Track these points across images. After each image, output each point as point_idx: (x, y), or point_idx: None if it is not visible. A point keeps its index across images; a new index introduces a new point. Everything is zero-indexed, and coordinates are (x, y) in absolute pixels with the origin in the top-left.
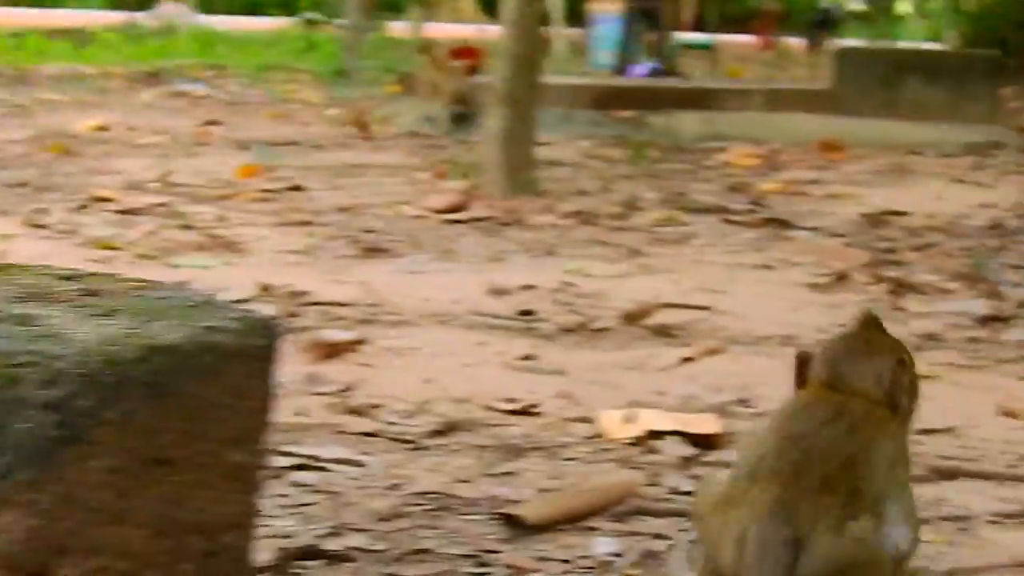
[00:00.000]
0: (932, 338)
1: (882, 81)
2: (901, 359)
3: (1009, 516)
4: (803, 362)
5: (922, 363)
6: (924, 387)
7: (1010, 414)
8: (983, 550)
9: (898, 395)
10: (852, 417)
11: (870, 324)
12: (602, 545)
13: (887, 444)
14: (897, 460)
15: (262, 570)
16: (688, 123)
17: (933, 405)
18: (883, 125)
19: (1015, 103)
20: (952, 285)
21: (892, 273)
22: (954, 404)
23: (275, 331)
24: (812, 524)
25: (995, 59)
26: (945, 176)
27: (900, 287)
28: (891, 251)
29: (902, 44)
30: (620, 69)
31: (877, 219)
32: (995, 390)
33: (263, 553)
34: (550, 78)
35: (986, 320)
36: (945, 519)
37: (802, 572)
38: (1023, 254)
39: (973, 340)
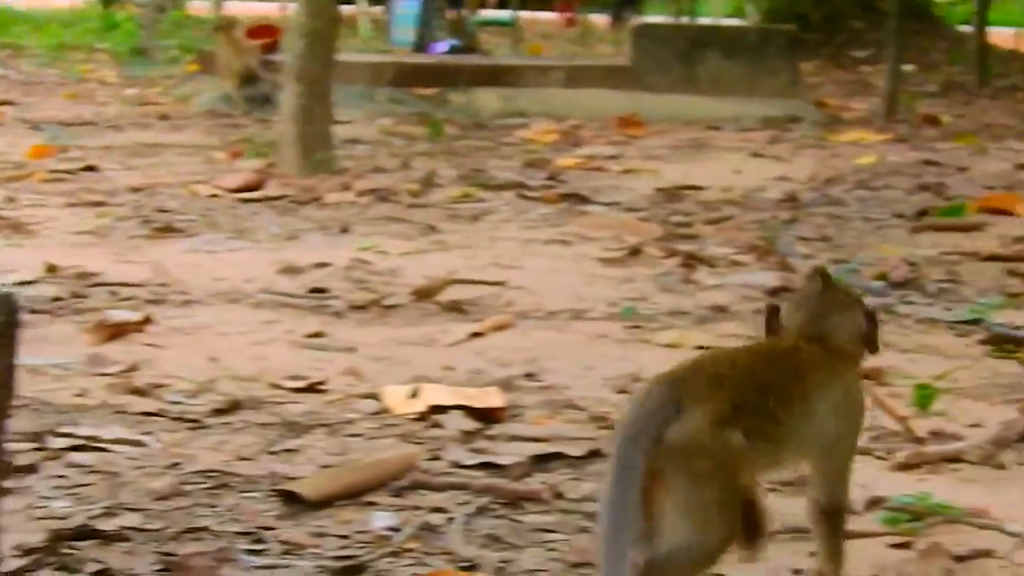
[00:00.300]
0: (721, 310)
1: (681, 57)
2: (868, 310)
3: (785, 484)
4: (772, 313)
5: (709, 335)
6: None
7: None
8: None
9: (875, 340)
10: (802, 360)
11: (826, 279)
12: (380, 520)
13: (836, 389)
14: (841, 408)
15: (31, 551)
16: (488, 100)
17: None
18: (682, 100)
19: (815, 77)
20: (744, 258)
21: (685, 247)
22: None
23: (14, 307)
24: (698, 404)
25: (793, 34)
26: (743, 150)
27: (692, 260)
28: (685, 225)
29: (703, 20)
30: (420, 46)
31: (673, 193)
32: None
33: (36, 534)
34: (349, 55)
35: (775, 292)
36: None
37: (669, 433)
38: (816, 226)
39: (760, 312)
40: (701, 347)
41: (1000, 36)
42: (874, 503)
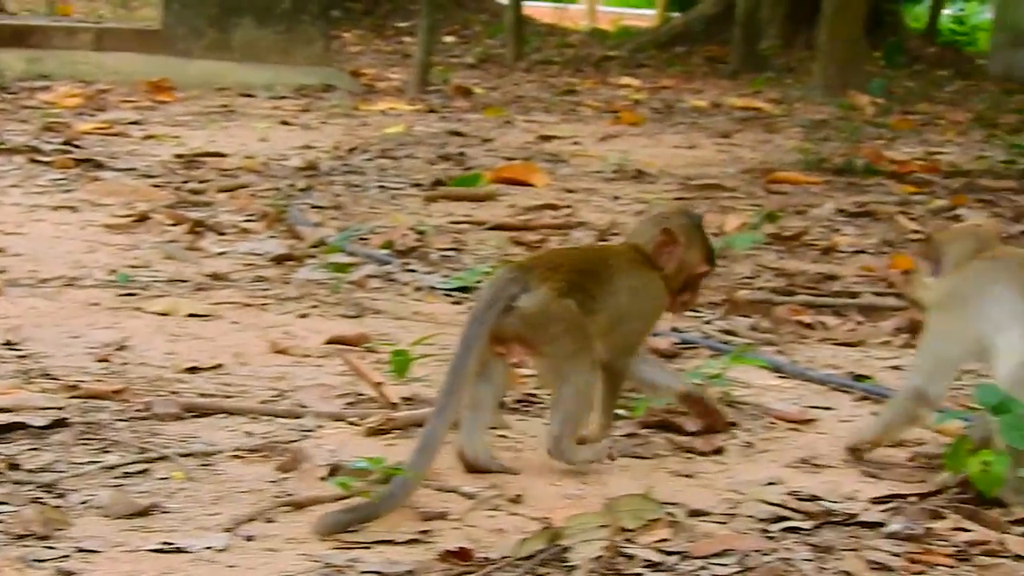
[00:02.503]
0: (220, 278)
1: (213, 22)
2: (667, 228)
3: (252, 450)
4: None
5: (204, 303)
6: (202, 327)
7: (283, 351)
8: (222, 484)
9: (657, 253)
10: (617, 255)
11: (681, 210)
12: None
13: (634, 278)
14: (640, 292)
15: None
16: (11, 61)
17: (206, 344)
18: (215, 66)
19: (357, 47)
20: (254, 226)
21: (195, 214)
22: (229, 342)
23: None
24: (543, 282)
25: (327, 2)
26: (273, 118)
27: (200, 227)
28: (199, 192)
29: None
30: None
31: (192, 160)
32: (274, 328)
33: None
34: None
35: (279, 260)
36: (190, 455)
37: (521, 303)
38: (332, 195)
39: (261, 279)
40: (194, 315)
41: (539, 10)
42: (335, 469)
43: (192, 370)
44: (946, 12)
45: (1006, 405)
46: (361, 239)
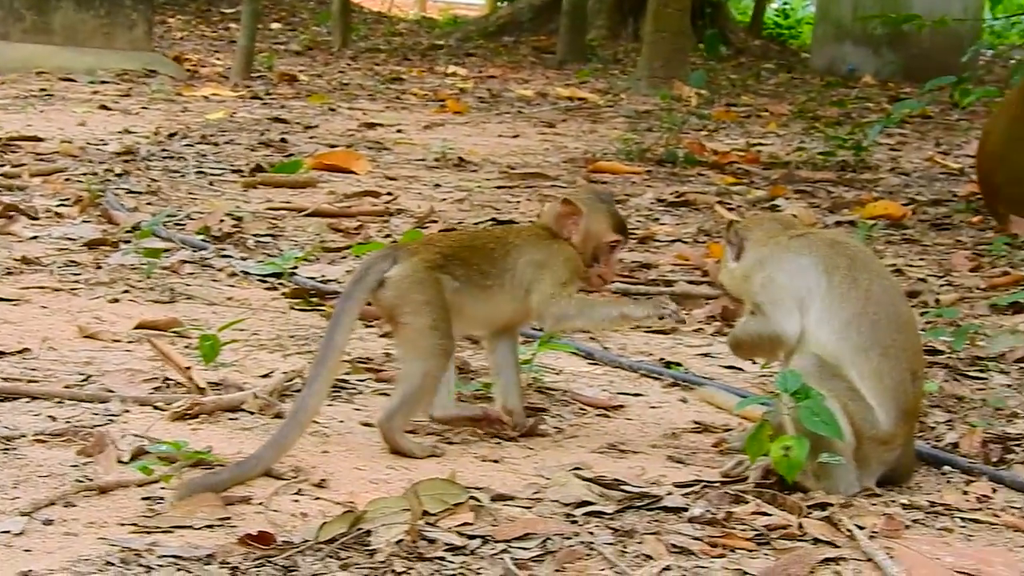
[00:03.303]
0: (31, 262)
1: (32, 4)
2: (566, 199)
3: (55, 435)
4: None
5: (15, 287)
6: (9, 311)
7: (92, 336)
8: (23, 469)
9: (560, 224)
10: (518, 233)
11: (588, 188)
12: None
13: (538, 252)
14: (546, 262)
15: None
16: None
17: (12, 328)
18: (35, 50)
19: (182, 32)
20: (69, 210)
21: (7, 198)
22: (37, 326)
23: None
24: (411, 255)
25: None
26: (93, 103)
27: (12, 211)
28: (13, 176)
29: None
30: None
31: (7, 144)
32: (84, 313)
33: None
34: None
35: (92, 245)
36: None
37: (388, 274)
38: (149, 181)
39: (73, 264)
40: (2, 299)
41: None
42: (139, 453)
43: None
44: (773, 6)
45: (805, 391)
46: (177, 225)
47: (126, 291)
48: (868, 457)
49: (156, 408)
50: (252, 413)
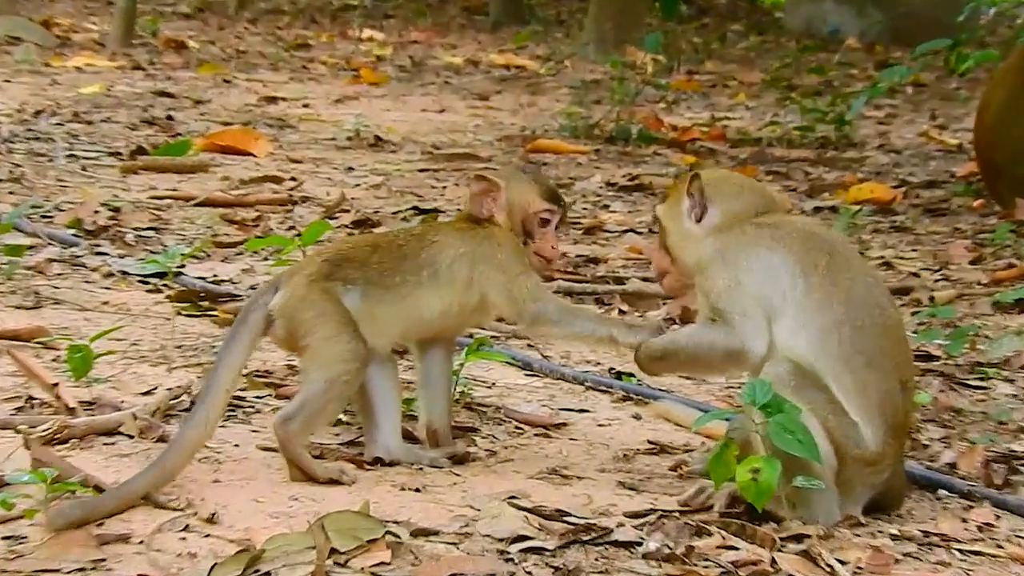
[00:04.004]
0: None
1: None
2: (479, 175)
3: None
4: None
5: None
6: None
7: None
8: None
9: (477, 205)
10: (437, 230)
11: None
12: None
13: (464, 244)
14: (485, 257)
15: None
16: None
17: None
18: None
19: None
20: None
21: None
22: None
23: None
24: (291, 277)
25: None
26: None
27: None
28: None
29: None
30: None
31: None
32: None
33: None
34: None
35: None
36: None
37: (271, 304)
38: (12, 166)
39: None
40: None
41: None
42: None
43: None
44: None
45: (778, 404)
46: (44, 217)
47: None
48: (851, 480)
49: (18, 432)
50: (131, 437)
